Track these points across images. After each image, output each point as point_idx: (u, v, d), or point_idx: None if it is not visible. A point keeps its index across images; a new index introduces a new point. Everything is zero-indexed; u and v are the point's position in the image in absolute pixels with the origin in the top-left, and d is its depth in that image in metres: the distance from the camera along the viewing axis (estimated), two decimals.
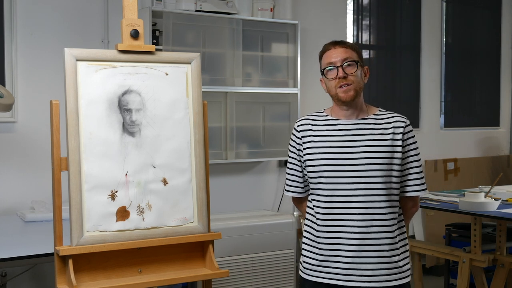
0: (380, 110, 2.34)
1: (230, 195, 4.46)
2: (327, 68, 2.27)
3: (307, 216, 2.36)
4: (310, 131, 2.32)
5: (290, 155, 2.39)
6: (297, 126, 2.36)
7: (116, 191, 2.37)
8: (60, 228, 2.30)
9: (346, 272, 2.22)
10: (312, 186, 2.31)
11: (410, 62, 5.70)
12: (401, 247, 2.27)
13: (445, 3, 5.89)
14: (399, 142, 2.25)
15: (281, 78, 4.40)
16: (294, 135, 2.36)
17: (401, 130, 2.26)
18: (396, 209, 2.27)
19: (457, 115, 6.12)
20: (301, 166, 2.35)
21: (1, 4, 3.67)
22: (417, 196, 2.35)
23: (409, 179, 2.29)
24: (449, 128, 5.94)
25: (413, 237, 5.22)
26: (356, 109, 2.30)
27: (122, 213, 2.37)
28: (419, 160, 2.32)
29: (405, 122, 2.29)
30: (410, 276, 2.30)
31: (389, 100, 5.61)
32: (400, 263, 2.26)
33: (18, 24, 3.67)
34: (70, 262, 2.27)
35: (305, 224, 2.36)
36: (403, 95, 5.70)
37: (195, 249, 2.55)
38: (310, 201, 2.34)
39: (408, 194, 2.31)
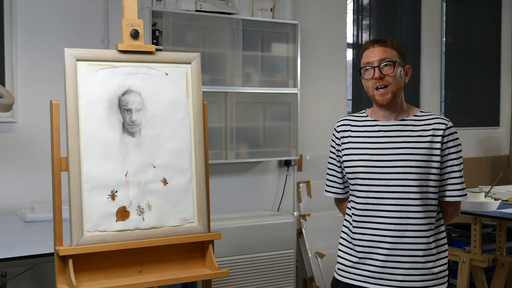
0: (421, 111, 2.28)
1: (230, 195, 4.46)
2: (364, 68, 2.22)
3: (346, 217, 2.32)
4: (349, 132, 2.29)
5: (330, 155, 2.38)
6: (337, 126, 2.34)
7: (116, 191, 2.37)
8: (60, 228, 2.30)
9: (377, 276, 2.18)
10: (351, 187, 2.29)
11: (410, 62, 5.67)
12: (437, 253, 2.20)
13: (445, 3, 5.89)
14: (438, 145, 2.19)
15: (281, 78, 4.40)
16: (334, 135, 2.34)
17: (440, 132, 2.20)
18: (433, 214, 2.20)
19: (457, 115, 6.12)
20: (340, 167, 2.33)
21: (1, 4, 3.67)
22: (458, 202, 2.27)
23: (449, 184, 2.22)
24: None
25: None
26: (395, 110, 2.25)
27: (122, 213, 2.37)
28: (460, 164, 2.23)
29: (446, 125, 2.23)
30: (446, 284, 2.23)
31: None
32: (435, 270, 2.19)
33: (18, 24, 3.67)
34: (70, 262, 2.27)
35: (343, 225, 2.34)
36: (403, 95, 5.69)
37: (195, 249, 2.55)
38: (350, 202, 2.32)
39: (448, 199, 2.23)
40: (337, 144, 2.33)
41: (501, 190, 4.01)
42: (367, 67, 2.21)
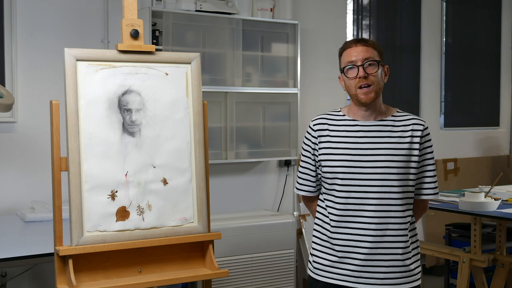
0: (398, 111, 2.31)
1: (230, 195, 4.46)
2: (347, 67, 2.22)
3: (319, 215, 2.33)
4: (327, 131, 2.28)
5: (304, 154, 2.35)
6: (313, 125, 2.32)
7: (116, 191, 2.37)
8: (60, 228, 2.30)
9: (357, 274, 2.20)
10: (326, 186, 2.28)
11: (410, 62, 5.70)
12: (412, 249, 2.25)
13: (445, 3, 5.89)
14: (417, 146, 2.22)
15: (281, 78, 4.40)
16: (310, 133, 2.32)
17: (419, 133, 2.24)
18: (411, 212, 2.25)
19: (457, 115, 6.12)
20: (314, 166, 2.32)
21: (1, 4, 3.67)
22: (428, 200, 2.33)
23: (424, 182, 2.28)
24: (449, 128, 5.94)
25: None
26: (375, 110, 2.26)
27: (122, 213, 2.37)
28: (434, 163, 2.29)
29: (423, 125, 2.27)
30: (420, 280, 2.29)
31: (389, 100, 5.57)
32: (412, 266, 2.24)
33: (18, 24, 3.67)
34: (70, 262, 2.27)
35: (316, 224, 2.33)
36: (403, 95, 5.70)
37: (195, 249, 2.55)
38: (323, 201, 2.31)
39: (423, 197, 2.29)
40: (313, 142, 2.31)
41: (501, 190, 4.00)
42: (350, 66, 2.21)
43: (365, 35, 5.44)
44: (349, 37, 5.25)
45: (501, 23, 6.37)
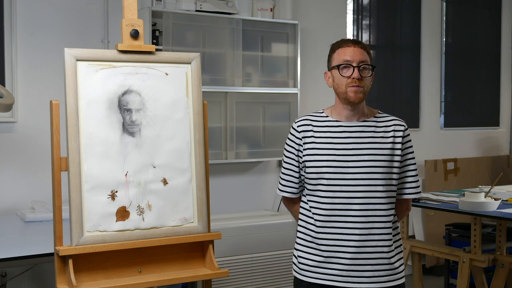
0: (379, 113, 2.35)
1: (230, 195, 4.46)
2: (343, 65, 2.24)
3: (302, 217, 2.34)
4: (311, 132, 2.29)
5: (287, 155, 2.36)
6: (297, 126, 2.33)
7: (116, 191, 2.37)
8: (60, 228, 2.30)
9: (344, 274, 2.22)
10: (310, 187, 2.29)
11: (410, 62, 5.70)
12: (395, 248, 2.29)
13: (445, 3, 5.89)
14: (399, 146, 2.27)
15: (281, 78, 4.40)
16: (294, 135, 2.33)
17: (400, 134, 2.29)
18: (394, 211, 2.29)
19: (457, 115, 6.12)
20: (298, 167, 2.33)
21: (1, 4, 3.67)
22: (411, 199, 2.38)
23: (406, 182, 2.32)
24: (449, 128, 5.94)
25: (413, 237, 5.22)
26: (359, 111, 2.29)
27: (122, 213, 2.37)
28: (415, 163, 2.34)
29: (404, 126, 2.32)
30: (404, 278, 2.32)
31: (389, 100, 5.61)
32: (396, 264, 2.28)
33: (18, 24, 3.67)
34: (70, 262, 2.27)
35: (300, 225, 2.35)
36: (403, 95, 5.70)
37: (195, 249, 2.55)
38: (306, 202, 2.32)
39: (405, 197, 2.34)
40: (297, 144, 2.31)
41: (501, 190, 4.00)
42: (346, 64, 2.23)
43: (365, 35, 5.44)
44: (349, 37, 5.25)
45: (501, 23, 6.37)
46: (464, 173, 5.72)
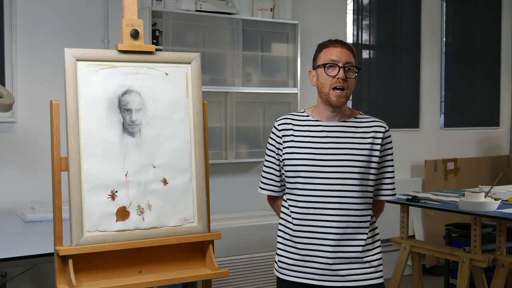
0: (360, 114, 2.36)
1: (230, 195, 4.46)
2: (328, 64, 2.25)
3: (282, 215, 2.37)
4: (291, 131, 2.32)
5: (268, 153, 2.39)
6: (278, 125, 2.36)
7: (116, 191, 2.37)
8: (60, 228, 2.30)
9: (322, 272, 2.24)
10: (289, 185, 2.32)
11: (410, 62, 5.70)
12: (373, 248, 2.30)
13: (445, 3, 5.89)
14: (378, 147, 2.28)
15: (281, 78, 4.40)
16: (274, 133, 2.36)
17: (380, 135, 2.30)
18: (370, 211, 2.31)
19: (457, 115, 6.12)
20: (279, 165, 2.36)
21: (1, 4, 3.67)
22: (385, 201, 2.40)
23: (383, 183, 2.35)
24: (449, 128, 5.94)
25: (413, 237, 5.22)
26: (340, 112, 2.31)
27: (122, 213, 2.37)
28: (393, 165, 2.36)
29: (385, 128, 2.33)
30: (382, 277, 2.32)
31: (389, 100, 5.61)
32: (375, 263, 2.29)
33: (18, 24, 3.67)
34: (70, 262, 2.27)
35: (280, 224, 2.37)
36: (403, 95, 5.70)
37: (195, 249, 2.55)
38: (286, 201, 2.35)
39: (382, 198, 2.36)
40: (277, 142, 2.34)
41: (501, 190, 4.00)
42: (332, 64, 2.24)
43: (365, 35, 5.44)
44: (349, 37, 5.25)
45: (501, 23, 6.37)
46: (464, 173, 5.72)
